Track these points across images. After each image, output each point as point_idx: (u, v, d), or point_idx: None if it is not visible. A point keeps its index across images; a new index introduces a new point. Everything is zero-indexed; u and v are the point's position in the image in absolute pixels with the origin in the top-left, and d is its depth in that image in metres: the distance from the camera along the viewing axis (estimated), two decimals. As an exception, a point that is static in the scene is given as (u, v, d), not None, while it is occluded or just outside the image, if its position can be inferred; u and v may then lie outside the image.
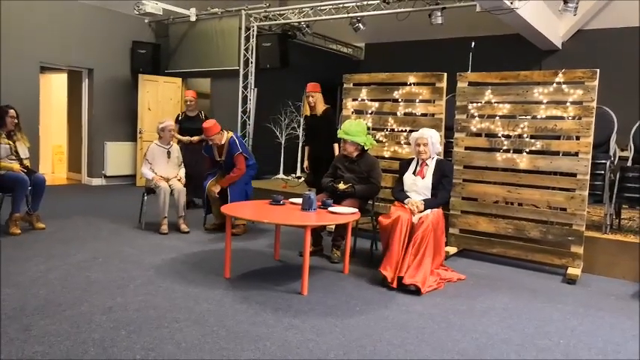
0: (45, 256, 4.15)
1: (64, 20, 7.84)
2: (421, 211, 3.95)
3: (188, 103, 6.62)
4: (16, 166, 4.82)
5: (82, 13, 8.04)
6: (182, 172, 5.48)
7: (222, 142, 5.20)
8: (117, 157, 8.66)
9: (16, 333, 2.69)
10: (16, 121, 4.92)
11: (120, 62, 8.63)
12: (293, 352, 2.64)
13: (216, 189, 5.12)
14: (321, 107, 5.32)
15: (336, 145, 5.28)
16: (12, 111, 4.89)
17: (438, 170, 4.13)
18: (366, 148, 4.49)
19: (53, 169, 9.63)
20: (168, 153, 5.40)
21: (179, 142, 6.10)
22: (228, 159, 5.18)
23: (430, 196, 4.10)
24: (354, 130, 4.39)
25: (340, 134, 4.46)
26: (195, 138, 6.28)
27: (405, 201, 4.07)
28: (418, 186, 4.13)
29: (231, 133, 5.28)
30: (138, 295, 3.34)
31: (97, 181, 8.57)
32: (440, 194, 4.08)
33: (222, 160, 5.23)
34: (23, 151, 4.97)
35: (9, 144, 4.86)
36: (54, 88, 9.52)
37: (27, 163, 5.00)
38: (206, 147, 5.42)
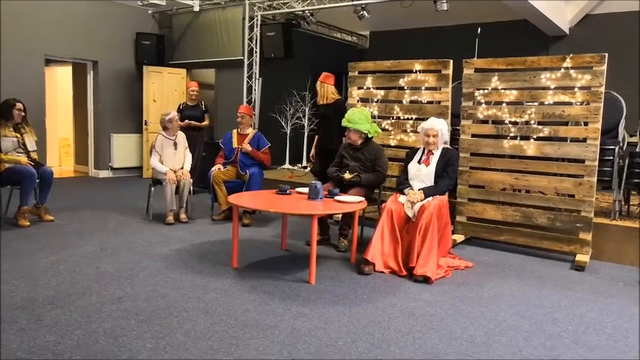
0: (54, 247, 4.18)
1: (68, 13, 7.83)
2: (421, 200, 3.93)
3: (191, 93, 7.05)
4: (23, 159, 4.84)
5: (85, 5, 8.03)
6: (189, 158, 5.52)
7: (247, 132, 5.56)
8: (123, 148, 8.69)
9: (28, 323, 2.72)
10: (23, 114, 4.94)
11: (124, 54, 8.62)
12: (301, 340, 2.66)
13: (246, 147, 5.39)
14: (321, 97, 5.27)
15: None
16: (19, 104, 4.91)
17: (443, 158, 4.11)
18: (370, 136, 4.47)
19: (60, 161, 9.67)
20: (175, 144, 5.42)
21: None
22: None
23: (433, 184, 4.08)
24: (357, 118, 4.38)
25: (344, 122, 4.45)
26: (194, 123, 6.88)
27: (406, 191, 4.06)
28: (422, 174, 4.11)
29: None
30: (147, 286, 3.37)
31: (104, 174, 8.61)
32: (441, 182, 4.05)
33: (239, 147, 5.49)
34: (31, 144, 4.99)
35: (16, 137, 4.88)
36: (59, 81, 9.54)
37: (34, 156, 5.02)
38: (224, 139, 5.69)
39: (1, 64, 7.05)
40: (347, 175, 4.34)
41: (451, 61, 4.88)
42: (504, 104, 4.56)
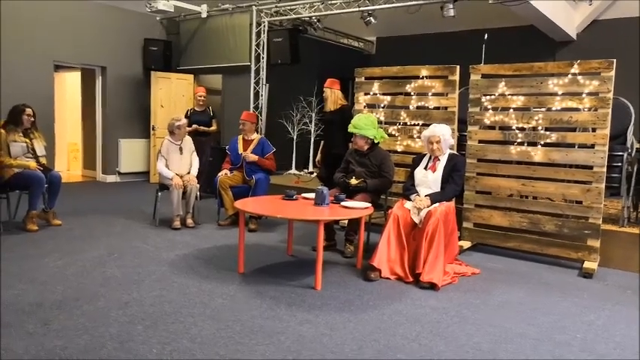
0: (61, 252, 4.20)
1: (77, 19, 7.92)
2: (428, 206, 3.92)
3: (199, 98, 7.17)
4: (32, 164, 4.88)
5: (94, 12, 8.11)
6: (195, 162, 5.55)
7: (252, 138, 5.58)
8: (131, 154, 8.74)
9: (36, 327, 2.74)
10: (32, 119, 4.99)
11: (132, 60, 8.69)
12: (307, 346, 2.65)
13: (251, 157, 5.42)
14: (332, 103, 5.29)
15: None
16: (29, 109, 4.96)
17: (450, 164, 4.09)
18: (376, 142, 4.47)
19: (69, 166, 9.75)
20: (181, 149, 5.44)
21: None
22: (255, 154, 5.49)
23: (439, 190, 4.06)
24: (363, 123, 4.38)
25: (350, 128, 4.46)
26: (202, 128, 6.97)
27: (412, 197, 4.05)
28: (429, 180, 4.10)
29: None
30: (153, 291, 3.38)
31: (111, 178, 8.66)
32: (448, 188, 4.03)
33: (244, 153, 5.50)
34: (39, 149, 5.04)
35: (26, 142, 4.93)
36: (68, 87, 9.63)
37: (43, 160, 5.06)
38: (230, 144, 5.71)
39: (2, 67, 7.09)
40: (353, 181, 4.34)
41: (458, 66, 4.87)
42: (511, 110, 4.55)
